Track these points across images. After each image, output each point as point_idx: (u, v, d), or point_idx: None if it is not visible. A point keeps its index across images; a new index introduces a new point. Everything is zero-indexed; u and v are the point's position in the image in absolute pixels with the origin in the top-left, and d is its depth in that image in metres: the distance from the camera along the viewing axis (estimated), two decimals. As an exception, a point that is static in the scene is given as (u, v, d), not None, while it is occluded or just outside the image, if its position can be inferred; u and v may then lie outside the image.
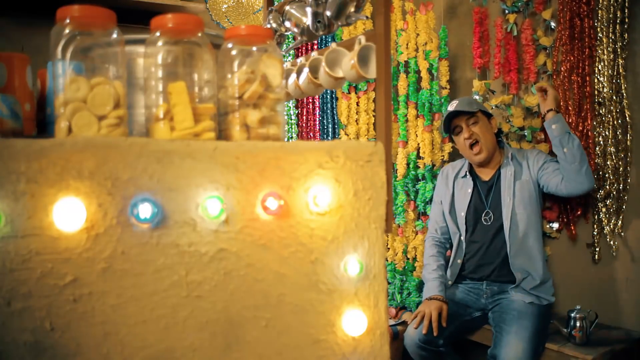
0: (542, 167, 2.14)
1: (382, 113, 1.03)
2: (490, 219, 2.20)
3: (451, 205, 2.32)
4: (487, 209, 2.22)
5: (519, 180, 2.16)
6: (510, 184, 2.16)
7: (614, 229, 2.20)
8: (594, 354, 1.89)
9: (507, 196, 2.16)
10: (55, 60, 0.80)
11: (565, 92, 2.28)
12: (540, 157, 2.18)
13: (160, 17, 0.84)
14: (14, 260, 0.73)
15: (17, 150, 0.73)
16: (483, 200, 2.24)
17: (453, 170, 2.38)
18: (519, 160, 2.20)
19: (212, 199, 0.79)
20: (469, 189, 2.27)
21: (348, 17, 1.19)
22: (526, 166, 2.18)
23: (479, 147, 2.19)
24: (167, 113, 0.83)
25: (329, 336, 0.85)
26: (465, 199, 2.27)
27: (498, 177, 2.22)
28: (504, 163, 2.22)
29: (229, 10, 2.98)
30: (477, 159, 2.22)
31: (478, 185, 2.27)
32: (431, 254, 2.33)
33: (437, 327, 2.03)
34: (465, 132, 2.20)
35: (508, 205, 2.15)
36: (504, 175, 2.20)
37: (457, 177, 2.34)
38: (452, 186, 2.34)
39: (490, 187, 2.23)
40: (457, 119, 2.23)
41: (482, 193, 2.25)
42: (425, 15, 2.61)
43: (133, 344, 0.78)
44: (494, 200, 2.20)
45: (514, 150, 2.26)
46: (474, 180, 2.28)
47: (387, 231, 0.88)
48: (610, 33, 2.15)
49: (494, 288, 2.17)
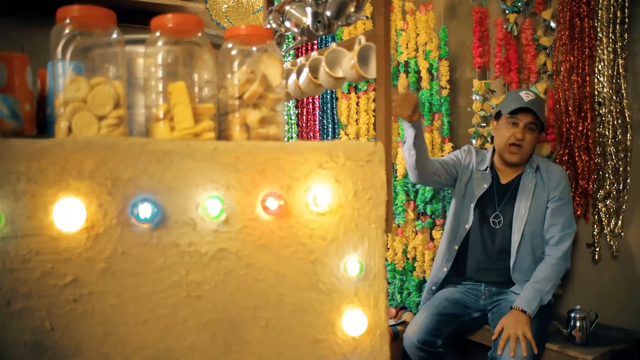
0: (551, 200, 2.08)
1: (382, 113, 1.03)
2: (500, 222, 2.15)
3: (464, 191, 2.25)
4: (498, 212, 2.16)
5: (537, 199, 2.09)
6: (529, 197, 2.09)
7: (614, 229, 2.20)
8: (594, 354, 1.89)
9: (523, 208, 2.09)
10: (55, 60, 0.80)
11: (565, 92, 2.28)
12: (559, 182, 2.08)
13: (160, 17, 0.84)
14: (14, 260, 0.73)
15: (17, 150, 0.73)
16: (495, 201, 2.18)
17: (477, 157, 2.28)
18: (542, 174, 2.12)
19: (212, 199, 0.79)
20: (485, 184, 2.20)
21: (348, 17, 1.19)
22: (547, 184, 2.10)
23: (519, 153, 2.11)
24: (167, 113, 0.83)
25: (329, 336, 0.85)
26: (479, 192, 2.20)
27: (517, 184, 2.15)
28: (527, 172, 2.14)
29: (229, 10, 2.98)
30: (509, 159, 2.14)
31: (494, 184, 2.21)
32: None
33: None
34: (519, 133, 2.08)
35: (522, 218, 2.08)
36: (523, 184, 2.13)
37: (478, 167, 2.25)
38: (470, 171, 2.26)
39: (507, 191, 2.17)
40: (523, 114, 2.09)
41: (496, 194, 2.19)
42: (425, 15, 2.61)
43: (133, 344, 0.78)
44: (507, 206, 2.14)
45: (539, 160, 2.17)
46: (493, 177, 2.21)
47: (387, 231, 0.88)
48: (610, 33, 2.15)
49: (493, 289, 2.16)
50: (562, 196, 2.08)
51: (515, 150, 2.11)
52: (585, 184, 2.24)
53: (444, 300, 2.15)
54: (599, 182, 2.22)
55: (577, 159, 2.25)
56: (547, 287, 1.98)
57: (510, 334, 1.85)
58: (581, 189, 2.25)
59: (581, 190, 2.26)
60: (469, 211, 2.21)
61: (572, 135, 2.26)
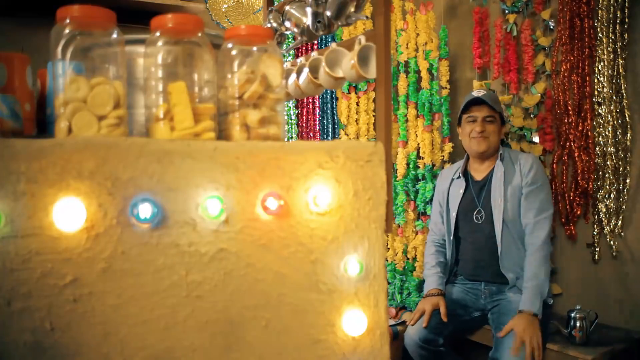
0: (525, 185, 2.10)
1: (382, 113, 1.03)
2: (482, 217, 2.19)
3: (446, 206, 2.33)
4: (479, 207, 2.21)
5: (510, 184, 2.13)
6: (501, 185, 2.14)
7: (614, 229, 2.20)
8: (594, 354, 1.89)
9: (498, 197, 2.14)
10: (55, 60, 0.80)
11: (565, 92, 2.28)
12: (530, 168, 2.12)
13: (160, 17, 0.84)
14: (14, 260, 0.73)
15: (17, 150, 0.73)
16: (475, 198, 2.23)
17: (450, 171, 2.38)
18: (511, 160, 2.17)
19: (212, 199, 0.79)
20: (460, 190, 2.27)
21: (348, 17, 1.19)
22: (518, 170, 2.14)
23: (485, 141, 2.17)
24: (167, 113, 0.83)
25: (329, 336, 0.85)
26: (457, 199, 2.27)
27: (491, 177, 2.21)
28: (497, 164, 2.19)
29: (229, 10, 2.98)
30: (477, 148, 2.19)
31: (471, 184, 2.27)
32: (430, 253, 2.34)
33: (427, 320, 2.05)
34: (479, 126, 2.16)
35: (499, 206, 2.12)
36: (495, 175, 2.18)
37: (453, 178, 2.34)
38: (447, 188, 2.34)
39: (483, 186, 2.22)
40: (477, 109, 2.18)
41: (474, 192, 2.24)
42: (425, 15, 2.61)
43: (133, 344, 0.78)
44: (486, 199, 2.19)
45: (505, 150, 2.22)
46: (466, 180, 2.28)
47: (387, 231, 0.88)
48: (610, 33, 2.15)
49: (492, 288, 2.17)
50: (534, 180, 2.10)
51: (480, 138, 2.17)
52: (585, 184, 2.24)
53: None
54: (599, 182, 2.22)
55: (577, 159, 2.25)
56: (541, 279, 1.98)
57: (526, 341, 1.84)
58: (581, 189, 2.26)
59: (581, 190, 2.26)
60: (452, 222, 2.28)
61: (572, 135, 2.26)
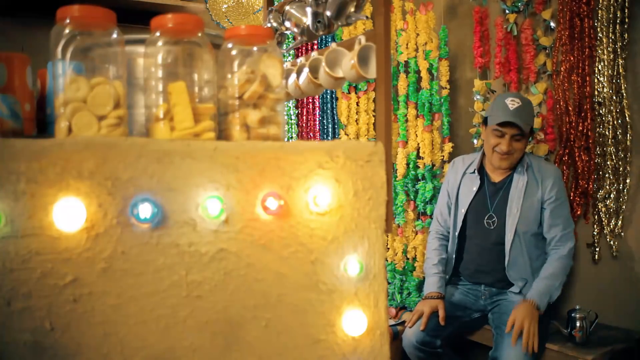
0: (547, 201, 2.07)
1: (382, 113, 1.03)
2: (494, 223, 2.13)
3: (455, 201, 2.26)
4: (491, 212, 2.15)
5: (530, 198, 2.07)
6: (520, 195, 2.08)
7: (614, 229, 2.20)
8: (594, 354, 1.89)
9: (515, 207, 2.08)
10: (55, 60, 0.80)
11: (565, 92, 2.28)
12: (553, 184, 2.07)
13: (160, 17, 0.84)
14: (14, 260, 0.73)
15: (17, 150, 0.73)
16: (488, 201, 2.17)
17: (464, 163, 2.29)
18: (534, 173, 2.10)
19: (212, 199, 0.79)
20: (474, 187, 2.20)
21: (348, 17, 1.19)
22: (540, 184, 2.08)
23: (508, 159, 2.09)
24: (167, 113, 0.83)
25: (329, 336, 0.85)
26: (469, 197, 2.20)
27: (509, 182, 2.13)
28: (519, 170, 2.12)
29: (229, 10, 2.98)
30: (498, 165, 2.13)
31: (486, 185, 2.20)
32: (433, 247, 2.27)
33: (425, 323, 2.03)
34: (505, 145, 2.05)
35: (514, 216, 2.07)
36: (515, 183, 2.11)
37: (466, 172, 2.25)
38: (459, 180, 2.26)
39: (499, 190, 2.15)
40: (508, 127, 2.04)
41: (488, 194, 2.18)
42: (425, 15, 2.61)
43: (133, 344, 0.78)
44: (500, 205, 2.13)
45: (531, 159, 2.15)
46: (482, 179, 2.20)
47: (387, 231, 0.88)
48: (610, 33, 2.15)
49: (493, 290, 2.16)
50: (558, 196, 2.07)
51: (505, 157, 2.09)
52: (585, 184, 2.24)
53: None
54: (599, 182, 2.22)
55: (577, 159, 2.25)
56: (556, 283, 2.00)
57: (525, 327, 1.85)
58: (581, 189, 2.25)
59: (581, 190, 2.26)
60: (459, 218, 2.23)
61: (572, 135, 2.26)
